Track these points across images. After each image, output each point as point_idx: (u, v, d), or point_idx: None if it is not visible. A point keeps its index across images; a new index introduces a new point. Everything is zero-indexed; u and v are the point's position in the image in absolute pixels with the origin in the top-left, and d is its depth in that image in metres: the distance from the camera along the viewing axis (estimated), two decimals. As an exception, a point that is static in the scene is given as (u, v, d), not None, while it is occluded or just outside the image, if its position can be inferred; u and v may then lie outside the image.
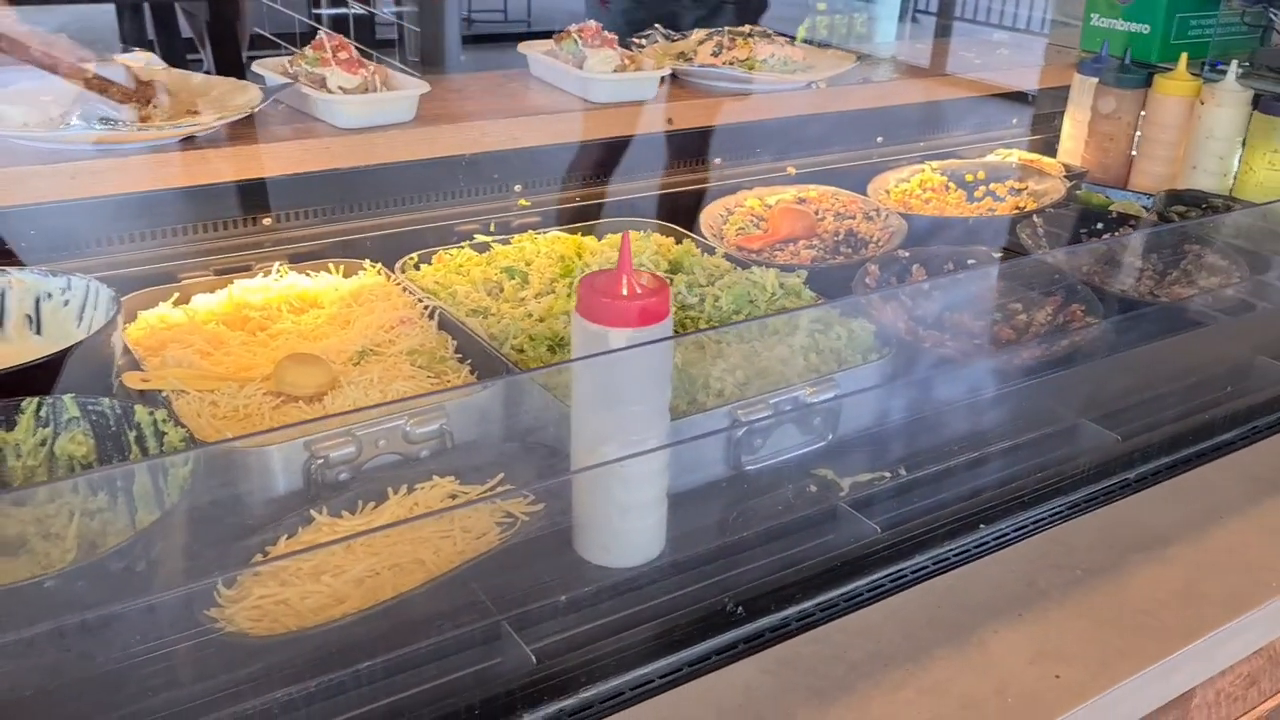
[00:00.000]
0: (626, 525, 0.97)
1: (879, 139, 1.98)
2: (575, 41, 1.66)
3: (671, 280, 1.39)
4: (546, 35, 1.77)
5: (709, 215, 1.64)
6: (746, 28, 1.85)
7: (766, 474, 1.11)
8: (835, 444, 1.15)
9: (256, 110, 1.42)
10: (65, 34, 1.45)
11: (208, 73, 2.70)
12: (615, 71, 1.65)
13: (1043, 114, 2.14)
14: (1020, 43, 2.58)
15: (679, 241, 1.54)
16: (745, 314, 1.34)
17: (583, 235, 1.54)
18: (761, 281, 1.37)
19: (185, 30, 4.00)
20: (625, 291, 0.90)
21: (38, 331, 1.19)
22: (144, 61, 1.45)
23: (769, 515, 1.08)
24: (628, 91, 1.67)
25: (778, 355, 1.21)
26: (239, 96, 1.48)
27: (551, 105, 1.63)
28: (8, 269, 1.17)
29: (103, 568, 0.77)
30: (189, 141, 1.35)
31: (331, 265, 1.38)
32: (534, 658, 0.87)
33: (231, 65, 3.62)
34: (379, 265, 1.38)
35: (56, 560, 0.91)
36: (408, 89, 1.52)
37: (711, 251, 1.50)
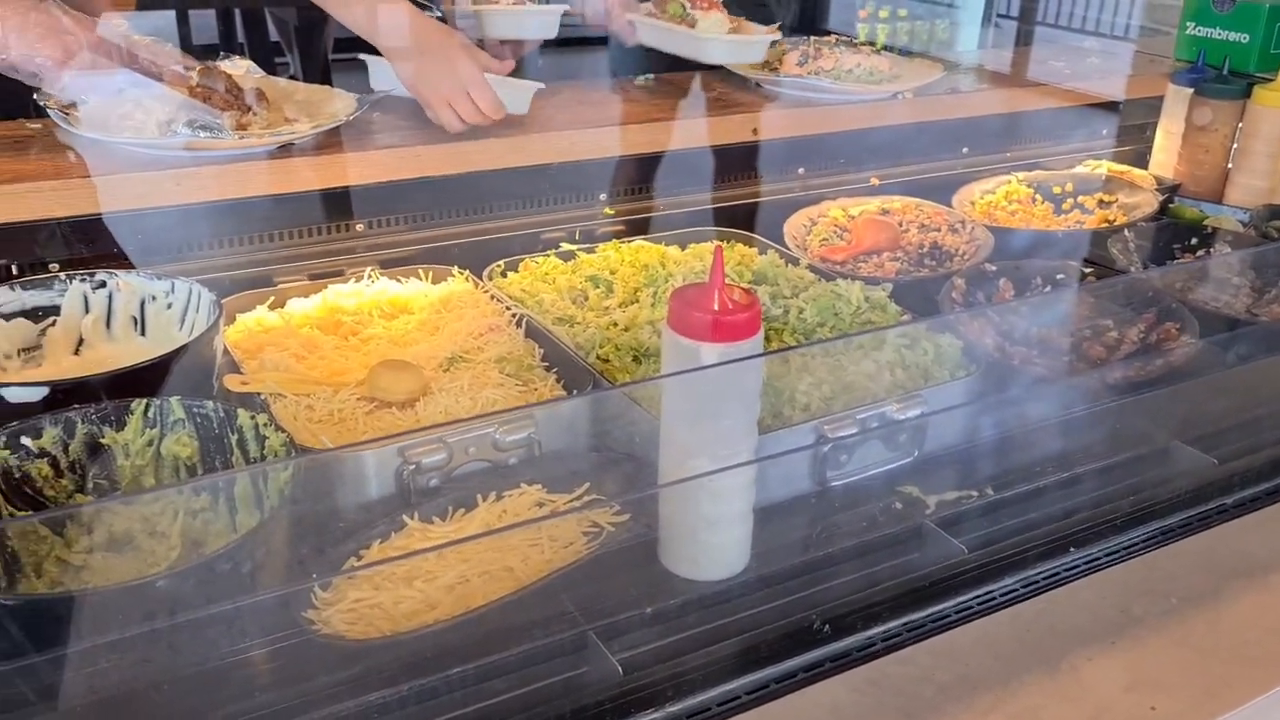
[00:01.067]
0: (713, 539, 0.97)
1: (964, 149, 1.95)
2: (682, 6, 1.67)
3: (755, 291, 1.39)
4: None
5: (792, 225, 1.64)
6: (831, 37, 1.84)
7: (852, 490, 1.10)
8: (921, 461, 1.14)
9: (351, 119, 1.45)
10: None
11: (293, 77, 2.77)
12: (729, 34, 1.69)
13: (1133, 125, 2.09)
14: (1106, 49, 2.52)
15: (763, 252, 1.54)
16: (830, 327, 1.34)
17: (666, 244, 1.54)
18: (846, 294, 1.37)
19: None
20: (717, 306, 0.90)
21: (142, 333, 1.23)
22: (243, 69, 1.48)
23: (854, 532, 1.07)
24: (741, 53, 1.75)
25: (864, 370, 1.20)
26: (333, 104, 1.51)
27: (639, 114, 1.64)
28: (115, 272, 1.21)
29: (210, 569, 0.80)
30: (283, 148, 1.38)
31: (421, 271, 1.40)
32: (620, 669, 0.88)
33: (318, 69, 3.70)
34: (467, 272, 1.40)
35: (162, 558, 0.94)
36: (520, 89, 1.52)
37: (795, 263, 1.50)
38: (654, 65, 1.83)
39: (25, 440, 0.90)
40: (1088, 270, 1.54)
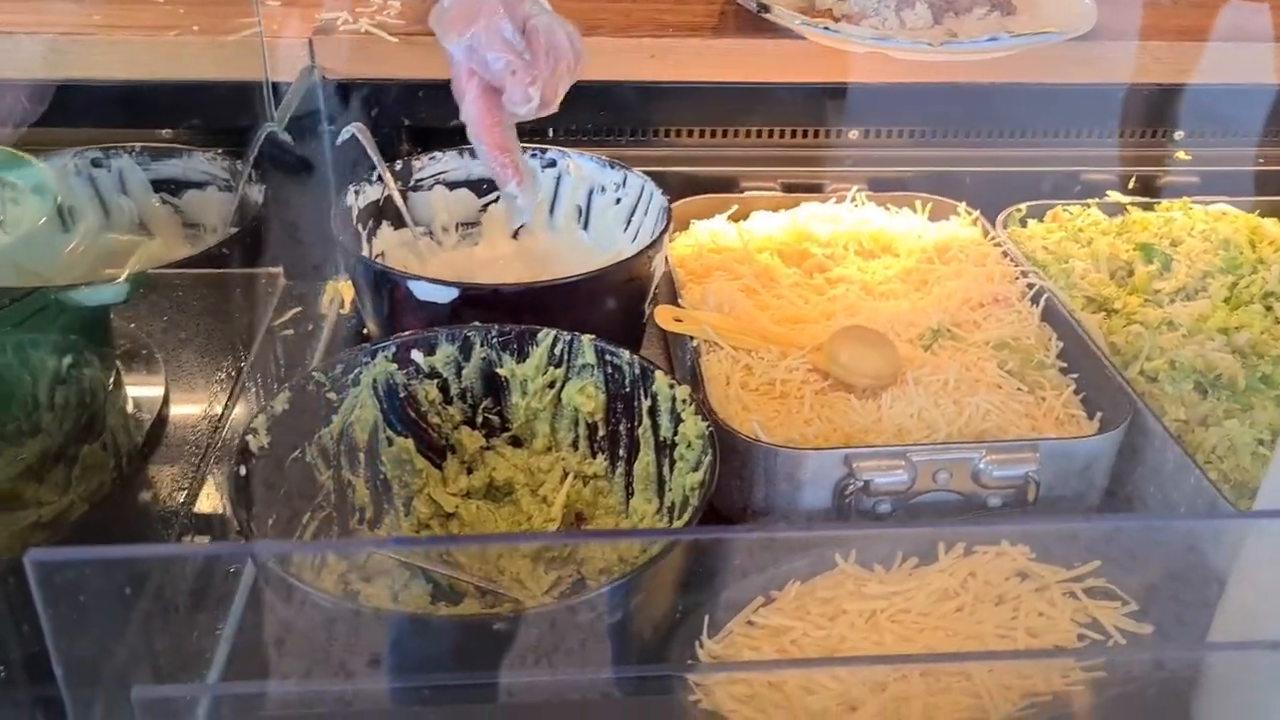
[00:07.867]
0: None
1: None
2: None
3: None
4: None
5: None
6: None
7: None
8: None
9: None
10: None
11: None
12: None
13: None
14: None
15: None
16: None
17: (1261, 213, 1.12)
18: None
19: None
20: None
21: (585, 226, 1.06)
22: None
23: None
24: None
25: None
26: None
27: (1256, 25, 1.19)
28: (568, 151, 1.05)
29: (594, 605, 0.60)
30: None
31: (918, 202, 1.11)
32: None
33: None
34: (976, 213, 1.09)
35: (539, 525, 0.77)
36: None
37: None
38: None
39: (416, 355, 0.76)
40: None
